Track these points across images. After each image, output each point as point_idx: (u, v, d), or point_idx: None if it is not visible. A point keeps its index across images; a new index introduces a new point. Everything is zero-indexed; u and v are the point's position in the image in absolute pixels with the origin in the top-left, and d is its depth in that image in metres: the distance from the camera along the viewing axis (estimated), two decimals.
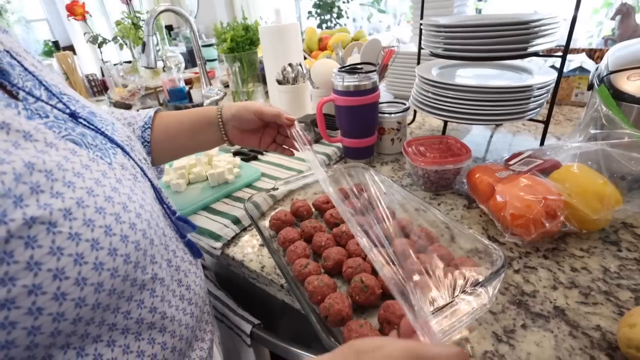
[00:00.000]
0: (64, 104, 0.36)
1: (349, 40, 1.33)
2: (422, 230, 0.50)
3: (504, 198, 0.51)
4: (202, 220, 0.62)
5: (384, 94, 1.17)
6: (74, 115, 0.36)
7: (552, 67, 0.93)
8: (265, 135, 0.61)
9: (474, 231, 0.46)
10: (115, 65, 1.64)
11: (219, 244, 0.58)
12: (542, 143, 0.73)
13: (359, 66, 0.75)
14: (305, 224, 0.56)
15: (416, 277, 0.41)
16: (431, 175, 0.64)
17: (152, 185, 0.42)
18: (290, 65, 0.98)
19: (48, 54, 3.46)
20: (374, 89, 0.72)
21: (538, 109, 0.71)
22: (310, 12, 3.23)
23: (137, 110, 0.60)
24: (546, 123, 0.70)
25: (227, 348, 0.70)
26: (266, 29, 1.07)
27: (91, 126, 0.38)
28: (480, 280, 0.38)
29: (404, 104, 0.82)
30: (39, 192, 0.27)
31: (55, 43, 2.41)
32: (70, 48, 3.58)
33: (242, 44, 1.20)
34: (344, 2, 3.18)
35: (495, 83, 0.69)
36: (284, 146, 0.63)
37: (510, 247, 0.51)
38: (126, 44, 1.55)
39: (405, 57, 1.07)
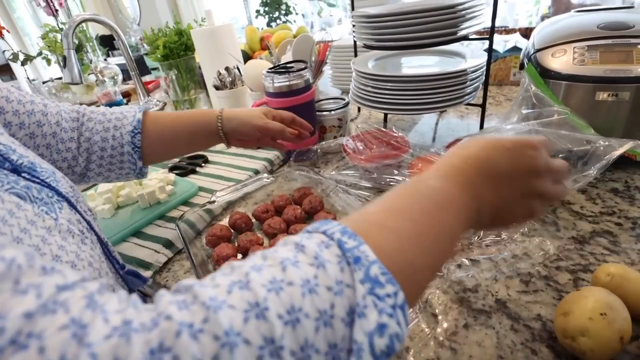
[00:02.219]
0: (4, 157, 0.32)
1: (291, 36, 1.29)
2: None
3: None
4: (132, 249, 0.56)
5: (330, 89, 1.14)
6: (16, 170, 0.33)
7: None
8: (263, 138, 0.61)
9: None
10: (45, 82, 1.52)
11: (149, 273, 0.53)
12: (481, 126, 0.72)
13: (289, 65, 0.71)
14: (241, 238, 0.52)
15: None
16: (373, 173, 0.61)
17: (99, 239, 0.39)
18: (226, 69, 0.93)
19: None
20: (308, 87, 0.68)
21: (474, 92, 0.70)
22: (258, 11, 3.15)
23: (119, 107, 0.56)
24: (482, 106, 0.70)
25: None
26: (199, 32, 1.01)
27: (35, 179, 0.34)
28: None
29: (344, 99, 0.80)
30: None
31: None
32: (5, 67, 3.33)
33: (176, 50, 1.13)
34: None
35: (429, 71, 0.67)
36: (279, 141, 0.63)
37: None
38: (54, 60, 1.44)
39: (344, 50, 1.04)
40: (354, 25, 0.81)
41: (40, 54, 1.38)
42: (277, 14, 3.17)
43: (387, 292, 0.19)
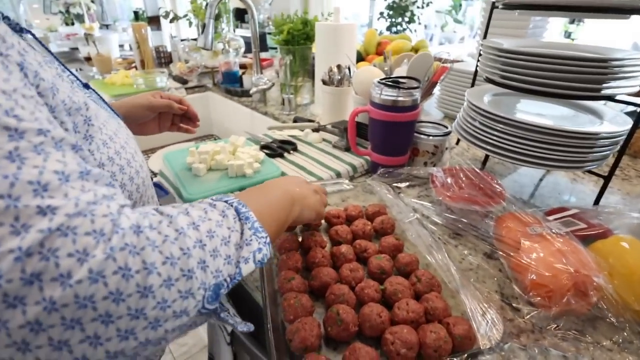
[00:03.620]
0: (76, 76, 0.43)
1: (408, 49, 1.26)
2: (425, 274, 0.45)
3: (529, 259, 0.44)
4: None
5: (434, 111, 1.10)
6: (87, 86, 0.45)
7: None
8: (162, 120, 0.69)
9: (486, 289, 0.40)
10: (182, 41, 1.72)
11: None
12: (597, 201, 0.63)
13: (402, 80, 0.70)
14: (306, 235, 0.54)
15: (396, 329, 0.37)
16: (454, 213, 0.58)
17: None
18: (338, 66, 0.95)
19: (134, 21, 3.76)
20: (413, 107, 0.67)
21: (602, 161, 0.61)
22: (381, 13, 3.15)
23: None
24: (607, 178, 0.61)
25: (212, 339, 0.71)
26: (322, 26, 1.05)
27: (100, 97, 0.46)
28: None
29: (447, 127, 0.76)
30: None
31: (135, 13, 2.59)
32: (156, 19, 3.86)
33: (298, 37, 1.19)
34: (418, 7, 3.05)
35: (554, 123, 0.60)
36: (181, 125, 0.73)
37: (523, 315, 0.44)
38: (195, 23, 1.62)
39: (461, 75, 0.99)
40: (480, 55, 0.76)
41: (185, 15, 1.57)
42: (399, 19, 3.13)
43: (262, 235, 0.35)
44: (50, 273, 0.21)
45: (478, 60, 0.77)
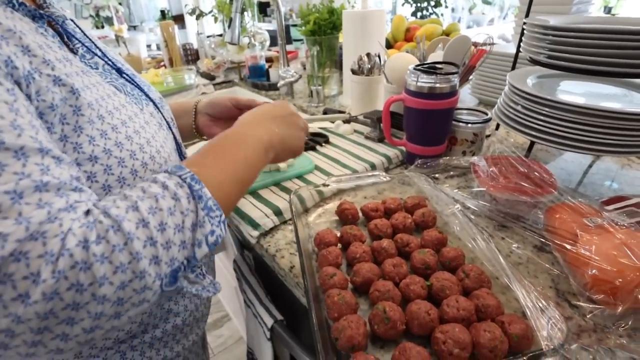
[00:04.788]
0: (112, 62, 0.45)
1: (439, 33, 1.21)
2: (473, 269, 0.43)
3: (589, 252, 0.41)
4: (246, 205, 0.62)
5: (467, 97, 1.05)
6: (119, 70, 0.46)
7: None
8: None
9: (539, 285, 0.38)
10: (208, 37, 1.74)
11: (256, 233, 0.57)
12: None
13: (438, 65, 0.67)
14: (345, 230, 0.53)
15: (447, 327, 0.36)
16: (500, 204, 0.55)
17: (175, 139, 0.50)
18: (367, 55, 0.93)
19: (161, 20, 3.84)
20: (452, 93, 0.63)
21: None
22: None
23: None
24: None
25: (251, 334, 0.71)
26: (349, 14, 1.02)
27: (132, 82, 0.46)
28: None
29: (486, 113, 0.72)
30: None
31: (163, 12, 2.64)
32: (181, 17, 3.92)
33: (324, 27, 1.16)
34: None
35: (607, 105, 0.56)
36: None
37: (584, 313, 0.41)
38: (220, 18, 1.63)
39: (499, 59, 0.93)
40: (522, 34, 0.71)
41: (210, 12, 1.58)
42: (425, 4, 3.02)
43: (216, 215, 0.34)
44: (9, 294, 0.24)
45: (520, 41, 0.73)
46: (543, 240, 0.50)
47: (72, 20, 0.43)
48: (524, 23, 0.69)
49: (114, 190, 0.36)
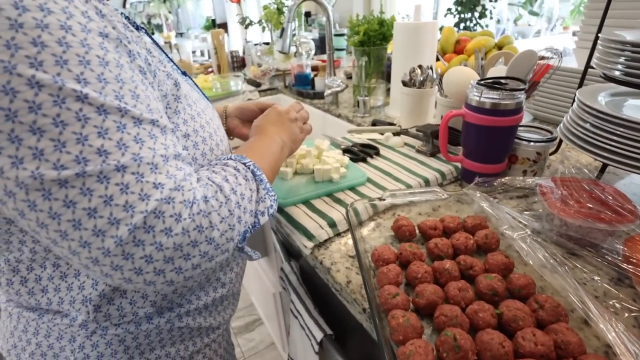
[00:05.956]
0: (177, 67, 0.51)
1: (492, 45, 1.17)
2: (547, 300, 0.41)
3: None
4: (300, 215, 0.62)
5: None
6: (184, 74, 0.53)
7: None
8: None
9: (620, 321, 0.35)
10: (255, 45, 1.79)
11: (310, 244, 0.57)
12: None
13: (502, 80, 0.64)
14: (404, 247, 0.51)
15: None
16: (571, 230, 0.52)
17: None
18: (420, 67, 0.91)
19: (207, 28, 4.00)
20: (517, 110, 0.61)
21: None
22: (449, 9, 2.99)
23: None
24: None
25: (295, 344, 0.71)
26: (401, 26, 1.01)
27: (194, 83, 0.55)
28: None
29: (550, 132, 0.69)
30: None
31: (213, 21, 2.74)
32: (224, 25, 4.08)
33: (373, 38, 1.16)
34: (490, 1, 2.85)
35: None
36: None
37: None
38: (268, 27, 1.67)
39: (560, 74, 0.89)
40: (593, 49, 0.68)
41: (260, 21, 1.62)
42: (469, 14, 2.95)
43: (272, 194, 0.45)
44: (159, 227, 0.31)
45: (590, 56, 0.69)
46: (622, 272, 0.46)
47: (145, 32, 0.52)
48: (597, 38, 0.65)
49: (199, 161, 0.44)
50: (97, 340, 0.43)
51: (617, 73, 0.60)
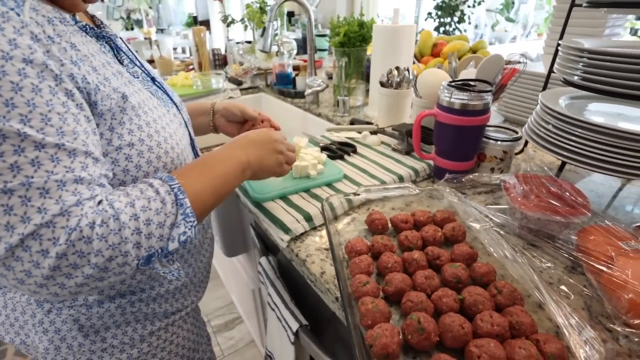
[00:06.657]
0: (147, 72, 0.55)
1: (467, 49, 1.22)
2: (505, 285, 0.44)
3: (625, 276, 0.41)
4: (277, 210, 0.63)
5: (494, 114, 1.05)
6: (153, 79, 0.55)
7: None
8: (244, 128, 0.78)
9: (571, 304, 0.38)
10: (237, 43, 1.79)
11: (287, 237, 0.59)
12: None
13: (472, 83, 0.68)
14: (376, 239, 0.54)
15: (481, 342, 0.36)
16: (531, 222, 0.55)
17: (190, 135, 0.60)
18: (397, 68, 0.94)
19: (189, 24, 3.95)
20: (484, 111, 0.64)
21: None
22: (429, 14, 3.06)
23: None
24: None
25: (272, 336, 0.72)
26: (380, 28, 1.04)
27: (161, 88, 0.56)
28: None
29: (516, 132, 0.73)
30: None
31: (195, 18, 2.72)
32: (207, 22, 4.03)
33: (353, 39, 1.19)
34: (469, 7, 2.94)
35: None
36: None
37: (618, 337, 0.41)
38: (250, 26, 1.67)
39: (528, 78, 0.94)
40: (555, 55, 0.72)
41: (242, 20, 1.62)
42: (449, 19, 3.03)
43: (190, 220, 0.42)
44: (36, 248, 0.34)
45: (553, 62, 0.73)
46: (575, 261, 0.50)
47: (120, 38, 0.55)
48: (558, 45, 0.69)
49: (144, 168, 0.46)
50: (54, 318, 0.49)
51: (575, 78, 0.64)
